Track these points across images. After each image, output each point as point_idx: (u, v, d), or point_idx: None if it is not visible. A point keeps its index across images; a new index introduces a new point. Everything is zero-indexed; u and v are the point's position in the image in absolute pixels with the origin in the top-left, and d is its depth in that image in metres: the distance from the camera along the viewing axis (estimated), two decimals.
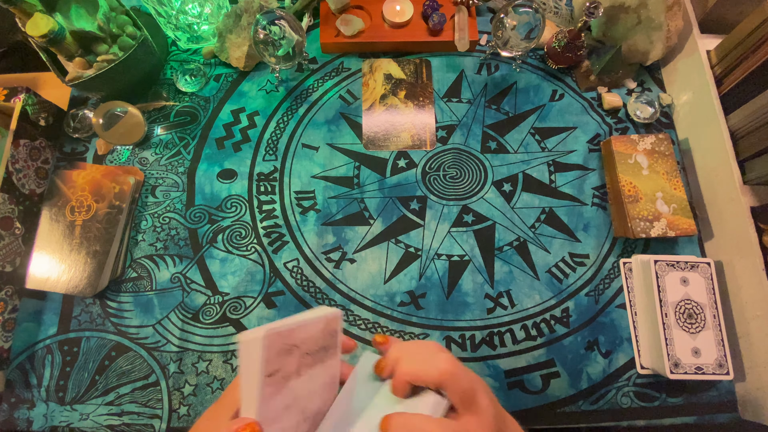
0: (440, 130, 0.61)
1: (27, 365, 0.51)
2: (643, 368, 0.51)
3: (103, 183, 0.54)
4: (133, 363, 0.51)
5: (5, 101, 0.55)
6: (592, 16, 0.55)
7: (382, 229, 0.56)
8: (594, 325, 0.53)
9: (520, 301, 0.54)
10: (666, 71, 0.65)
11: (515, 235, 0.56)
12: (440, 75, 0.64)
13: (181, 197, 0.57)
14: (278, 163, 0.59)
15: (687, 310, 0.49)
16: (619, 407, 0.50)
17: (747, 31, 0.52)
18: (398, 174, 0.59)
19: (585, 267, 0.55)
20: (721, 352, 0.48)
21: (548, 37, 0.63)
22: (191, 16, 0.60)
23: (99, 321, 0.52)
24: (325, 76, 0.64)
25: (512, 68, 0.64)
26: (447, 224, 0.56)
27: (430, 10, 0.62)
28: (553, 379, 0.51)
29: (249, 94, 0.62)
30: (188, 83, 0.62)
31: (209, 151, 0.59)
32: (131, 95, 0.59)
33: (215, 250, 0.55)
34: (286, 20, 0.54)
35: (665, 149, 0.56)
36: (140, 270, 0.54)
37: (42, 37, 0.49)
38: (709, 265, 0.51)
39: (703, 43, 0.59)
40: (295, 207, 0.57)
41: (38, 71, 0.64)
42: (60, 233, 0.52)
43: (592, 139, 0.61)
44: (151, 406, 0.49)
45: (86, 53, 0.55)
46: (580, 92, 0.63)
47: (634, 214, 0.53)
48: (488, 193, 0.58)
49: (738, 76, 0.54)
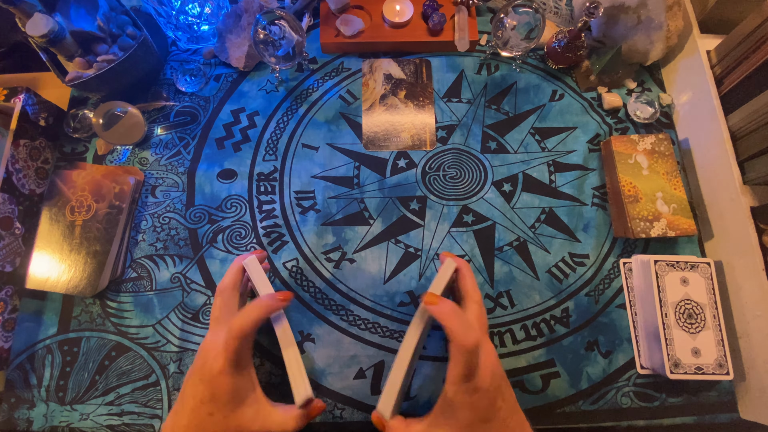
0: (440, 130, 0.61)
1: (27, 365, 0.51)
2: (643, 368, 0.51)
3: (103, 183, 0.54)
4: (133, 363, 0.51)
5: (5, 101, 0.55)
6: (592, 16, 0.55)
7: (382, 229, 0.56)
8: (594, 325, 0.53)
9: (519, 301, 0.54)
10: (666, 71, 0.65)
11: (515, 235, 0.56)
12: (440, 75, 0.64)
13: (181, 197, 0.57)
14: (278, 163, 0.59)
15: (687, 310, 0.49)
16: (619, 407, 0.50)
17: (747, 31, 0.52)
18: (398, 174, 0.59)
19: (585, 267, 0.55)
20: (721, 352, 0.48)
21: (548, 37, 0.63)
22: (191, 16, 0.60)
23: (99, 321, 0.52)
24: (325, 76, 0.64)
25: (512, 68, 0.64)
26: (447, 224, 0.56)
27: (430, 10, 0.62)
28: (553, 379, 0.51)
29: (249, 94, 0.62)
30: (188, 83, 0.62)
31: (209, 151, 0.59)
32: (131, 95, 0.59)
33: (215, 250, 0.55)
34: (286, 20, 0.54)
35: (665, 149, 0.56)
36: (140, 270, 0.54)
37: (42, 37, 0.49)
38: (709, 265, 0.51)
39: (703, 43, 0.59)
40: (295, 207, 0.57)
41: (38, 71, 0.64)
42: (60, 233, 0.52)
43: (592, 139, 0.61)
44: (151, 406, 0.49)
45: (86, 53, 0.55)
46: (580, 92, 0.63)
47: (634, 214, 0.53)
48: (488, 193, 0.58)
49: (738, 76, 0.54)
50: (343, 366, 0.51)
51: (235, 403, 0.37)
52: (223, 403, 0.36)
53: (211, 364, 0.37)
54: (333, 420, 0.49)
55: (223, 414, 0.36)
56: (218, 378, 0.36)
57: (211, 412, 0.36)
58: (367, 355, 0.51)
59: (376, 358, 0.51)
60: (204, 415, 0.36)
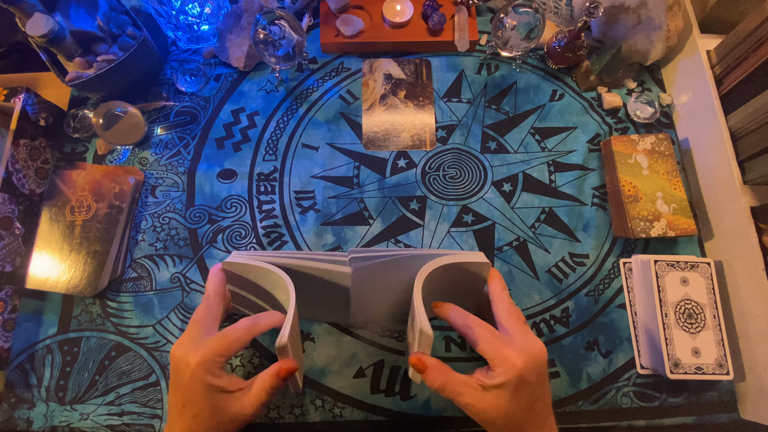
0: (440, 130, 0.61)
1: (27, 365, 0.51)
2: (643, 368, 0.51)
3: (103, 183, 0.54)
4: (133, 363, 0.51)
5: (5, 101, 0.55)
6: (592, 16, 0.55)
7: (382, 229, 0.56)
8: (594, 325, 0.53)
9: (519, 301, 0.54)
10: (666, 71, 0.65)
11: (515, 235, 0.56)
12: (440, 75, 0.64)
13: (181, 197, 0.57)
14: (278, 163, 0.59)
15: (687, 310, 0.49)
16: (619, 407, 0.50)
17: (747, 31, 0.52)
18: (398, 174, 0.59)
19: (585, 267, 0.55)
20: (721, 352, 0.48)
21: (548, 37, 0.63)
22: (191, 16, 0.60)
23: (99, 321, 0.52)
24: (325, 76, 0.64)
25: (512, 68, 0.64)
26: (447, 224, 0.56)
27: (430, 10, 0.62)
28: (553, 379, 0.51)
29: (249, 94, 0.62)
30: (188, 83, 0.62)
31: (209, 151, 0.59)
32: (131, 95, 0.59)
33: (215, 250, 0.55)
34: (286, 20, 0.54)
35: (665, 149, 0.56)
36: (140, 270, 0.54)
37: (42, 37, 0.49)
38: (709, 265, 0.51)
39: (703, 43, 0.59)
40: (295, 207, 0.57)
41: (38, 71, 0.64)
42: (60, 233, 0.52)
43: (592, 139, 0.61)
44: (151, 406, 0.49)
45: (86, 53, 0.55)
46: (580, 92, 0.63)
47: (634, 214, 0.53)
48: (488, 193, 0.58)
49: (738, 76, 0.54)
50: (343, 365, 0.51)
51: (213, 400, 0.36)
52: (200, 405, 0.36)
53: (182, 371, 0.36)
54: (333, 419, 0.49)
55: (208, 413, 0.36)
56: (191, 383, 0.36)
57: (194, 414, 0.36)
58: (367, 354, 0.51)
59: (375, 357, 0.51)
60: (189, 419, 0.36)
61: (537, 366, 0.35)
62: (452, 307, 0.41)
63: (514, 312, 0.39)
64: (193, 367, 0.35)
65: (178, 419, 0.36)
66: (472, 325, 0.38)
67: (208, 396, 0.36)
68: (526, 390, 0.35)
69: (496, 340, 0.36)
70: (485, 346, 0.36)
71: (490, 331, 0.37)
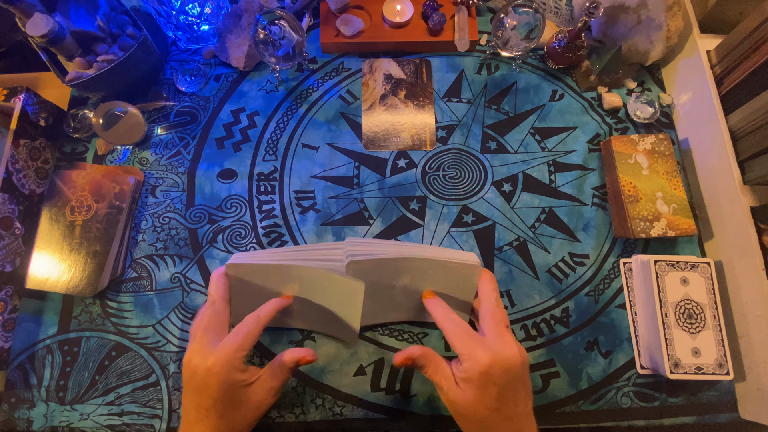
0: (440, 130, 0.61)
1: (27, 365, 0.51)
2: (643, 368, 0.51)
3: (103, 183, 0.54)
4: (133, 363, 0.51)
5: (5, 101, 0.55)
6: (592, 16, 0.55)
7: (382, 229, 0.56)
8: (594, 325, 0.53)
9: (519, 301, 0.54)
10: (666, 71, 0.65)
11: (515, 235, 0.56)
12: (440, 75, 0.64)
13: (181, 197, 0.57)
14: (278, 163, 0.59)
15: (687, 310, 0.49)
16: (619, 407, 0.50)
17: (747, 31, 0.52)
18: (398, 174, 0.59)
19: (585, 267, 0.55)
20: (721, 352, 0.48)
21: (548, 37, 0.63)
22: (191, 16, 0.60)
23: (99, 321, 0.52)
24: (325, 76, 0.64)
25: (512, 68, 0.64)
26: (447, 224, 0.56)
27: (430, 10, 0.62)
28: (553, 379, 0.51)
29: (249, 94, 0.62)
30: (188, 83, 0.62)
31: (209, 151, 0.59)
32: (131, 95, 0.59)
33: (215, 250, 0.55)
34: (286, 20, 0.54)
35: (665, 149, 0.56)
36: (140, 270, 0.54)
37: (42, 37, 0.49)
38: (709, 265, 0.51)
39: (703, 43, 0.59)
40: (295, 207, 0.57)
41: (38, 71, 0.64)
42: (60, 233, 0.52)
43: (592, 139, 0.61)
44: (151, 406, 0.49)
45: (86, 53, 0.55)
46: (580, 92, 0.63)
47: (634, 214, 0.53)
48: (488, 193, 0.58)
49: (738, 76, 0.54)
50: (344, 363, 0.51)
51: (239, 395, 0.38)
52: (226, 404, 0.37)
53: (203, 377, 0.37)
54: (333, 417, 0.49)
55: (235, 408, 0.38)
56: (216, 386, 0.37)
57: (221, 415, 0.37)
58: (367, 353, 0.51)
59: (376, 355, 0.51)
60: (215, 420, 0.37)
61: (505, 369, 0.36)
62: (438, 301, 0.43)
63: (498, 314, 0.40)
64: (216, 370, 0.36)
65: (200, 424, 0.37)
66: (449, 319, 0.40)
67: (234, 393, 0.37)
68: (492, 390, 0.35)
69: (467, 336, 0.38)
70: (455, 340, 0.38)
71: (464, 328, 0.39)
